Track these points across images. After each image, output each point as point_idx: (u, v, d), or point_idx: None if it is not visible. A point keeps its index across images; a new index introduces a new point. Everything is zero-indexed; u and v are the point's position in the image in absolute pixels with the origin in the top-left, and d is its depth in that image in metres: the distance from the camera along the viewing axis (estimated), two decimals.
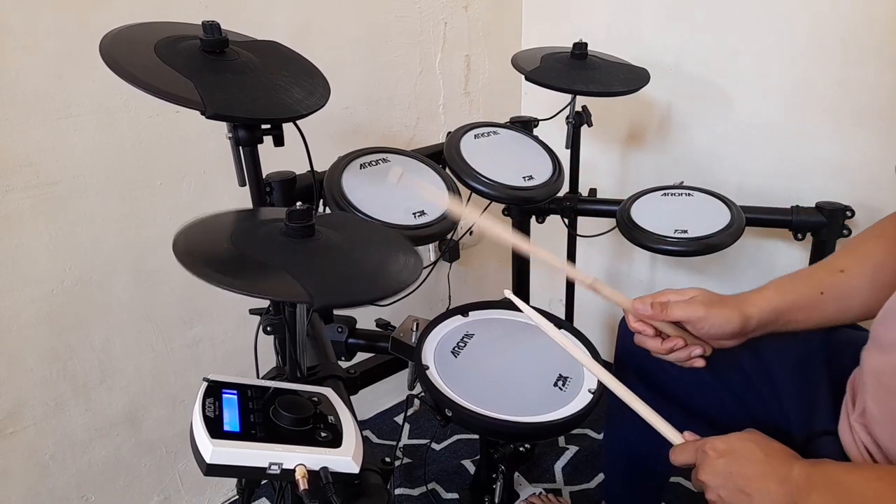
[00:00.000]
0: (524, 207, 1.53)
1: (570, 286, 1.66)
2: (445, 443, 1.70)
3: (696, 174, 1.55)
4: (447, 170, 1.21)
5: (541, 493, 1.52)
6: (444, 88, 1.68)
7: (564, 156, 1.38)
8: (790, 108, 1.41)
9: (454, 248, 1.69)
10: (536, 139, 1.37)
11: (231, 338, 1.45)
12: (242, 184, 0.94)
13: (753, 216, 1.30)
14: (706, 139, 1.57)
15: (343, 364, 1.16)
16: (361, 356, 1.29)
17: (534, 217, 1.57)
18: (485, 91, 1.78)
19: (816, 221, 1.30)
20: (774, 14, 1.37)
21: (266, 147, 0.91)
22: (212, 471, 0.65)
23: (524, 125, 1.46)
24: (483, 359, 1.00)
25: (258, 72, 0.87)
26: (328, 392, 0.81)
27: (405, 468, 1.63)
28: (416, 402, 1.74)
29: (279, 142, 0.90)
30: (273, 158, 0.98)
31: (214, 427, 0.67)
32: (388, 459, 0.80)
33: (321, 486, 0.67)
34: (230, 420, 0.69)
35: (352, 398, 0.92)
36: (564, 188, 1.33)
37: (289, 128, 0.91)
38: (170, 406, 1.39)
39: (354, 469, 0.70)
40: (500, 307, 1.14)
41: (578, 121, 1.43)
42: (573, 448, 1.68)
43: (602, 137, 1.74)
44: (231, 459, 0.65)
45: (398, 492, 1.55)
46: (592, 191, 1.52)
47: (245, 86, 0.83)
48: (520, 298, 0.90)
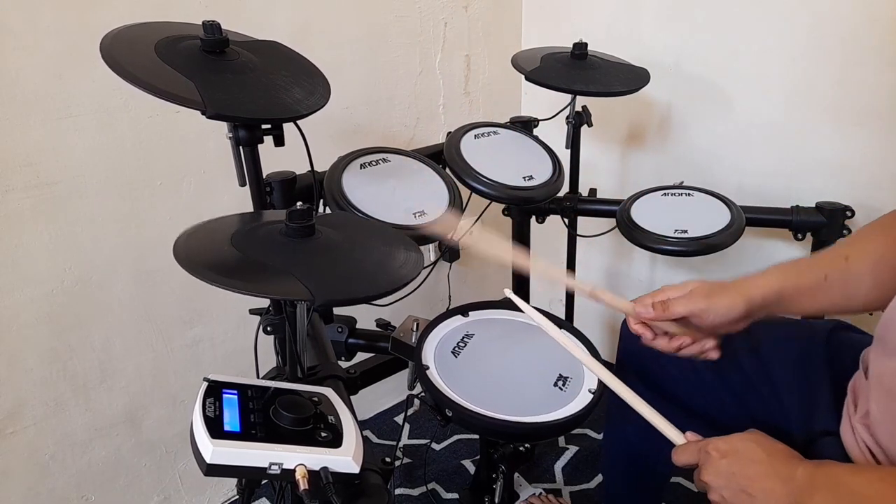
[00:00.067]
0: (524, 207, 1.53)
1: None
2: (445, 443, 1.70)
3: (696, 174, 1.55)
4: (447, 170, 1.21)
5: (541, 494, 1.52)
6: (444, 88, 1.68)
7: (564, 156, 1.38)
8: (790, 108, 1.41)
9: (454, 248, 1.69)
10: (536, 139, 1.37)
11: (231, 338, 1.45)
12: (242, 184, 0.94)
13: (753, 216, 1.30)
14: (706, 139, 1.57)
15: (343, 364, 1.16)
16: (361, 356, 1.29)
17: (534, 217, 1.57)
18: (485, 91, 1.78)
19: (816, 221, 1.30)
20: (774, 14, 1.37)
21: (266, 147, 0.91)
22: (212, 471, 0.65)
23: (524, 125, 1.46)
24: (483, 359, 1.00)
25: (258, 72, 0.87)
26: (328, 392, 0.81)
27: (405, 468, 1.63)
28: (416, 402, 1.74)
29: (279, 142, 0.90)
30: (273, 158, 0.98)
31: (214, 427, 0.67)
32: (388, 459, 0.80)
33: (321, 486, 0.67)
34: (230, 420, 0.69)
35: (352, 398, 0.92)
36: (564, 188, 1.33)
37: (289, 128, 0.90)
38: (170, 406, 1.39)
39: (354, 469, 0.70)
40: (501, 307, 1.14)
41: (578, 121, 1.43)
42: (573, 448, 1.68)
43: (602, 137, 1.74)
44: (231, 459, 0.65)
45: (398, 492, 1.55)
46: (592, 191, 1.52)
47: (245, 86, 0.83)
48: (520, 299, 0.90)
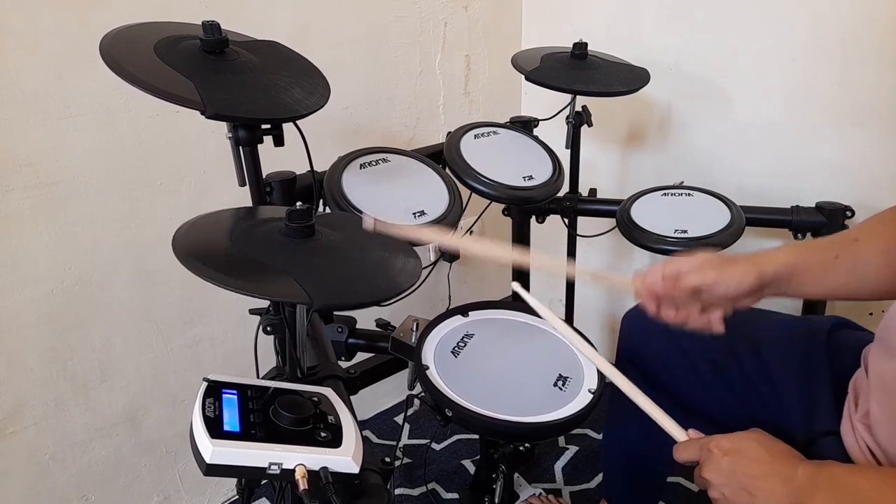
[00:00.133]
0: (524, 207, 1.53)
1: (571, 286, 1.66)
2: (445, 443, 1.70)
3: (696, 174, 1.55)
4: (447, 170, 1.21)
5: (540, 494, 1.52)
6: (444, 88, 1.68)
7: (564, 156, 1.38)
8: (790, 108, 1.41)
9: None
10: (536, 139, 1.37)
11: (231, 338, 1.45)
12: (242, 184, 0.94)
13: (753, 216, 1.30)
14: (706, 139, 1.57)
15: (343, 364, 1.16)
16: (361, 356, 1.29)
17: (534, 217, 1.57)
18: (485, 91, 1.78)
19: (816, 221, 1.30)
20: (774, 14, 1.37)
21: (266, 147, 0.91)
22: (212, 471, 0.65)
23: (524, 125, 1.46)
24: (483, 359, 1.00)
25: (258, 72, 0.87)
26: (328, 392, 0.81)
27: (405, 468, 1.63)
28: (416, 402, 1.74)
29: (279, 142, 0.90)
30: (273, 158, 0.98)
31: (214, 427, 0.67)
32: (388, 459, 0.80)
33: (321, 486, 0.67)
34: (230, 420, 0.69)
35: (352, 398, 0.92)
36: (564, 188, 1.33)
37: (289, 128, 0.90)
38: (170, 406, 1.39)
39: (354, 469, 0.70)
40: (501, 307, 1.14)
41: (578, 121, 1.43)
42: (573, 448, 1.67)
43: (602, 137, 1.74)
44: (231, 459, 0.65)
45: (398, 492, 1.54)
46: (592, 191, 1.52)
47: (245, 86, 0.83)
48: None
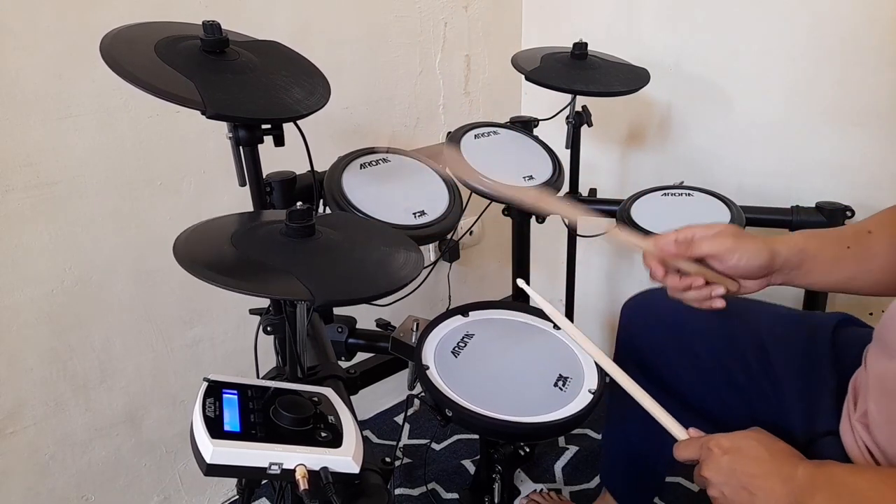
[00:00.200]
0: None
1: (571, 286, 1.66)
2: (445, 443, 1.70)
3: (696, 174, 1.55)
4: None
5: (542, 491, 1.52)
6: (444, 88, 1.68)
7: (564, 156, 1.38)
8: (790, 108, 1.41)
9: (454, 248, 1.69)
10: (536, 139, 1.37)
11: (231, 338, 1.45)
12: (242, 184, 0.94)
13: (753, 216, 1.30)
14: (706, 139, 1.57)
15: (343, 364, 1.16)
16: (361, 356, 1.29)
17: (534, 217, 1.57)
18: (485, 91, 1.78)
19: (816, 221, 1.30)
20: (774, 14, 1.37)
21: (266, 147, 0.91)
22: (212, 471, 0.65)
23: (524, 125, 1.46)
24: (483, 359, 1.00)
25: (258, 72, 0.87)
26: (328, 392, 0.81)
27: (405, 468, 1.63)
28: (416, 402, 1.74)
29: (279, 142, 0.90)
30: (273, 158, 0.98)
31: (215, 427, 0.67)
32: (388, 459, 0.80)
33: (321, 486, 0.67)
34: (230, 420, 0.69)
35: (352, 398, 0.92)
36: (564, 188, 1.33)
37: (289, 128, 0.90)
38: (170, 406, 1.39)
39: (354, 469, 0.70)
40: (501, 307, 1.14)
41: (578, 121, 1.43)
42: (573, 448, 1.68)
43: (602, 137, 1.74)
44: (231, 459, 0.65)
45: (398, 492, 1.55)
46: (592, 191, 1.52)
47: (245, 86, 0.83)
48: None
